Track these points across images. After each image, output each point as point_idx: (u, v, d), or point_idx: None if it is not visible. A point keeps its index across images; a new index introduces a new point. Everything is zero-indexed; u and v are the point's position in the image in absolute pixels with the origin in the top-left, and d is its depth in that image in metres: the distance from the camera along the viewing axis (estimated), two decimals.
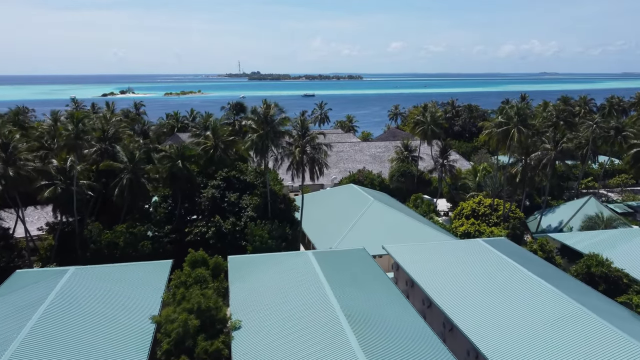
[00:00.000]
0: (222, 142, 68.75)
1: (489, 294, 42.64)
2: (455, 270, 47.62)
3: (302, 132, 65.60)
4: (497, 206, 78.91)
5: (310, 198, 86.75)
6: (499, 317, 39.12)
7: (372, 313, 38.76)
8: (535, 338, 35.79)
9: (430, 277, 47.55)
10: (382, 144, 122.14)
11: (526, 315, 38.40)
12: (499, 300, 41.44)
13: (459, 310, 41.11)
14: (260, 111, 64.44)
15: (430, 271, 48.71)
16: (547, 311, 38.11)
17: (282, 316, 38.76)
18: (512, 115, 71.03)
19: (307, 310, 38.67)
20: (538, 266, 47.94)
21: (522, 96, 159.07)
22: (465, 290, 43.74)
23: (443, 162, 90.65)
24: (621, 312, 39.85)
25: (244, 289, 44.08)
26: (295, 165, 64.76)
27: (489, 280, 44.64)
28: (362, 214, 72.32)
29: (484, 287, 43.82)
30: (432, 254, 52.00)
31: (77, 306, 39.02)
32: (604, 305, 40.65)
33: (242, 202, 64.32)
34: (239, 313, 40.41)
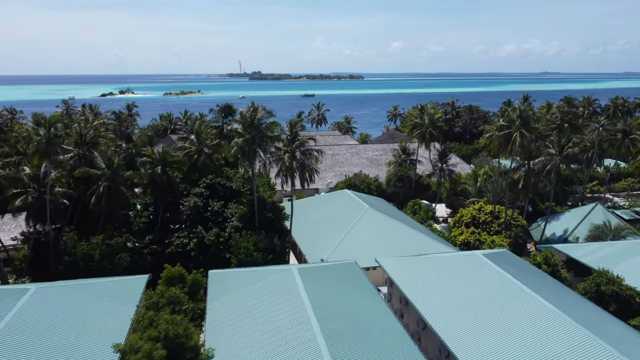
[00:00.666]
0: (207, 146, 64.91)
1: (489, 317, 38.77)
2: (453, 288, 43.77)
3: (291, 136, 61.76)
4: (499, 213, 75.03)
5: (303, 204, 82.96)
6: (499, 345, 35.25)
7: (358, 338, 34.93)
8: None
9: (426, 295, 43.72)
10: (379, 146, 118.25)
11: (531, 344, 34.50)
12: (499, 324, 37.58)
13: (456, 335, 37.28)
14: (247, 114, 60.58)
15: (425, 289, 44.88)
16: (555, 340, 34.20)
17: (259, 341, 34.98)
18: (514, 118, 67.15)
19: (286, 335, 34.88)
20: (542, 284, 44.06)
21: (524, 97, 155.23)
22: (462, 313, 39.88)
23: (442, 166, 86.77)
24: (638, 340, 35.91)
25: (222, 310, 40.27)
26: (284, 172, 60.93)
27: (489, 301, 40.78)
28: (356, 222, 68.52)
29: (484, 309, 39.95)
30: (428, 269, 48.13)
31: (32, 334, 35.19)
32: (618, 330, 36.76)
33: (227, 211, 60.52)
34: (214, 338, 36.66)
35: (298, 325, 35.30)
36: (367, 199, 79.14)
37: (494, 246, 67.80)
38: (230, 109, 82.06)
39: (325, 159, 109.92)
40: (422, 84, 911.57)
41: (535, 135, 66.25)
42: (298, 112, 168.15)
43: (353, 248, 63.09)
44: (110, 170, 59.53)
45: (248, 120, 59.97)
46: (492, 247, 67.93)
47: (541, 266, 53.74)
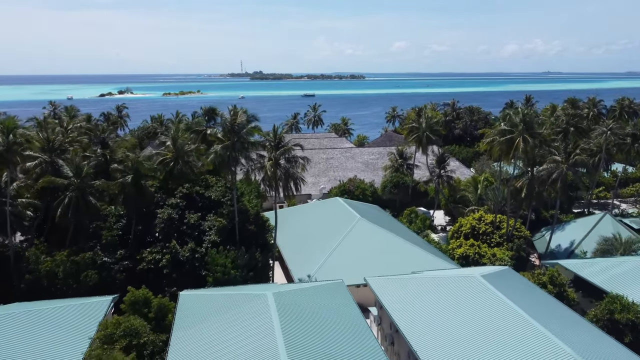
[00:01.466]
0: (185, 153, 60.10)
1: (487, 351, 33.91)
2: (448, 316, 38.92)
3: (275, 142, 56.93)
4: (500, 223, 70.22)
5: (292, 213, 78.26)
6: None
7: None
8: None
9: (418, 324, 38.90)
10: (375, 150, 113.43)
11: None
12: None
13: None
14: (226, 119, 55.77)
15: (417, 315, 40.09)
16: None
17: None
18: (516, 122, 62.31)
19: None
20: (548, 312, 39.21)
21: (526, 97, 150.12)
22: (458, 346, 35.02)
23: (440, 172, 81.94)
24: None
25: (185, 346, 35.43)
26: (267, 181, 56.14)
27: (488, 332, 35.93)
28: (347, 234, 63.79)
29: (482, 341, 35.10)
30: (421, 292, 43.31)
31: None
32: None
33: (205, 223, 55.70)
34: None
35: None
36: (359, 208, 74.39)
37: (494, 260, 63.09)
38: (214, 112, 77.17)
39: (318, 163, 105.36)
40: (423, 84, 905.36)
41: (539, 141, 61.41)
42: (293, 114, 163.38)
43: (342, 263, 58.46)
44: (78, 179, 54.79)
45: (228, 125, 55.18)
46: (492, 261, 63.23)
47: (546, 286, 48.90)
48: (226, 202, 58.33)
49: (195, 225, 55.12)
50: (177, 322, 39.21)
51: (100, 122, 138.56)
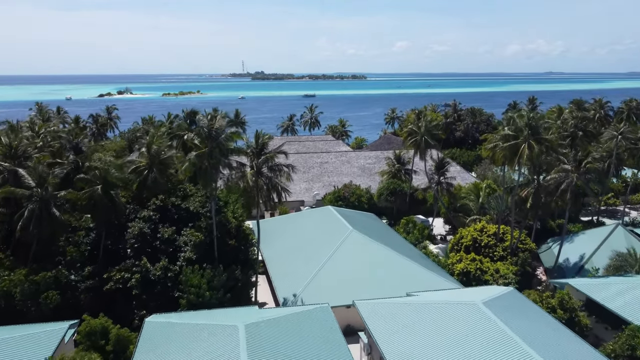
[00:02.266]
0: (160, 160, 55.17)
1: None
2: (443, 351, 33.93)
3: (257, 149, 51.97)
4: (503, 235, 65.20)
5: (281, 222, 73.31)
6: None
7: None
8: None
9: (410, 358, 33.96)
10: (372, 154, 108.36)
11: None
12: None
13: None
14: (203, 123, 50.81)
15: (410, 348, 35.13)
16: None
17: None
18: (521, 127, 57.29)
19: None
20: (559, 346, 34.22)
21: (530, 99, 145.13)
22: None
23: (439, 179, 76.91)
24: None
25: None
26: (249, 191, 51.19)
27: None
28: (338, 248, 58.79)
29: None
30: (415, 322, 38.32)
31: None
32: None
33: (180, 238, 50.76)
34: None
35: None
36: (352, 218, 69.45)
37: (497, 277, 58.12)
38: (196, 115, 72.29)
39: (312, 168, 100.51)
40: (425, 84, 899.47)
41: (545, 147, 56.38)
42: (289, 115, 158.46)
43: (331, 281, 53.54)
44: (41, 190, 49.90)
45: (205, 131, 50.22)
46: (495, 277, 58.26)
47: (556, 310, 43.93)
48: (205, 213, 53.47)
49: (169, 240, 50.20)
50: (138, 355, 34.34)
51: (89, 124, 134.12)
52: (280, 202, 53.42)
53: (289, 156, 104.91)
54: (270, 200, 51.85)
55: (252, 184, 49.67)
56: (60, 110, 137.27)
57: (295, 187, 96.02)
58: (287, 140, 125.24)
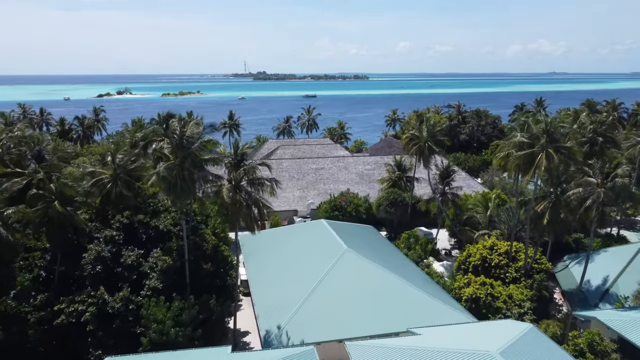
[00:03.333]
0: (126, 172, 48.39)
1: None
2: None
3: (235, 161, 45.14)
4: (516, 254, 58.36)
5: (269, 237, 66.47)
6: None
7: None
8: None
9: None
10: (371, 159, 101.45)
11: None
12: None
13: None
14: (173, 130, 44.03)
15: None
16: None
17: None
18: (538, 134, 50.39)
19: None
20: None
21: (537, 100, 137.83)
22: None
23: (444, 189, 69.97)
24: None
25: None
26: (225, 208, 44.34)
27: None
28: (330, 270, 51.93)
29: None
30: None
31: None
32: None
33: (147, 263, 43.95)
34: None
35: None
36: (347, 233, 62.66)
37: (510, 304, 51.32)
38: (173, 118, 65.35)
39: (307, 174, 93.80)
40: (427, 84, 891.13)
41: (565, 156, 49.50)
42: (286, 117, 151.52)
43: (321, 311, 46.81)
44: None
45: (175, 139, 43.48)
46: (508, 303, 51.43)
47: (585, 354, 37.07)
48: (177, 233, 46.73)
49: (132, 266, 43.38)
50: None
51: (75, 126, 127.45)
52: (263, 219, 46.51)
53: (282, 162, 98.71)
54: (251, 219, 44.93)
55: (228, 200, 42.76)
56: (44, 112, 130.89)
57: (287, 195, 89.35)
58: (281, 143, 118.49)
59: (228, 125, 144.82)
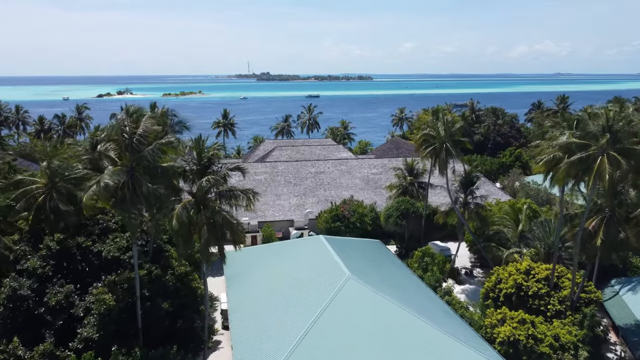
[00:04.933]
0: (65, 180, 37.50)
1: None
2: None
3: (199, 166, 34.16)
4: (560, 280, 47.34)
5: (256, 256, 55.51)
6: None
7: None
8: None
9: None
10: (378, 162, 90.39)
11: None
12: None
13: None
14: (120, 125, 33.15)
15: None
16: None
17: None
18: (596, 132, 39.33)
19: None
20: None
21: (560, 98, 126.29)
22: None
23: (466, 199, 58.77)
24: None
25: None
26: (181, 234, 33.32)
27: None
28: (328, 305, 40.87)
29: None
30: None
31: None
32: None
33: (82, 303, 33.08)
34: None
35: None
36: (350, 252, 51.75)
37: (557, 348, 40.21)
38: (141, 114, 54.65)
39: (305, 179, 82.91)
40: (432, 84, 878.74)
41: (635, 161, 38.44)
42: (285, 116, 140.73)
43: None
44: None
45: (125, 139, 32.60)
46: (555, 348, 40.36)
47: None
48: (127, 260, 35.82)
49: (59, 308, 32.47)
50: None
51: (55, 125, 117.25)
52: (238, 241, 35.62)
53: (278, 165, 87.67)
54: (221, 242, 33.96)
55: (183, 219, 31.70)
56: (20, 110, 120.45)
57: (283, 203, 78.54)
58: (278, 144, 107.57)
59: (222, 125, 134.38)
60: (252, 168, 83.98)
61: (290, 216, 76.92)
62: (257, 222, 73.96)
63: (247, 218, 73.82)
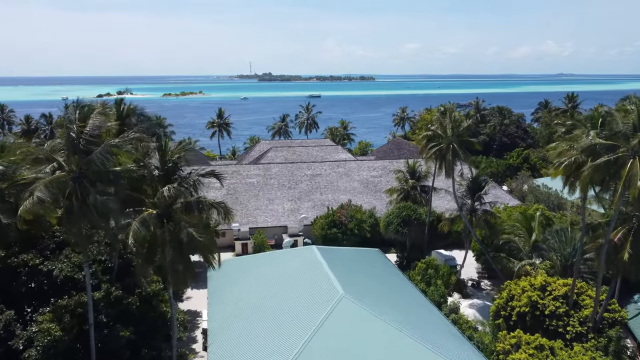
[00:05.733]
0: (12, 187, 32.38)
1: None
2: None
3: (161, 172, 29.01)
4: (580, 297, 42.20)
5: (242, 270, 50.41)
6: None
7: None
8: None
9: None
10: (378, 164, 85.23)
11: None
12: None
13: None
14: (68, 120, 28.05)
15: None
16: None
17: None
18: (626, 131, 34.18)
19: None
20: None
21: (569, 96, 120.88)
22: None
23: (474, 205, 53.53)
24: None
25: None
26: (141, 249, 28.19)
27: None
28: (319, 328, 35.77)
29: None
30: None
31: None
32: None
33: (23, 333, 27.99)
34: None
35: None
36: (345, 265, 46.67)
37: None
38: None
39: (300, 182, 77.88)
40: (435, 85, 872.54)
41: None
42: (282, 115, 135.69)
43: None
44: None
45: (72, 137, 27.55)
46: None
47: None
48: (80, 278, 30.74)
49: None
50: None
51: (42, 124, 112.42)
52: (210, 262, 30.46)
53: (271, 167, 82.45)
54: (187, 265, 28.81)
55: (141, 236, 26.57)
56: (4, 109, 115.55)
57: (276, 207, 73.55)
58: (274, 145, 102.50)
59: (217, 125, 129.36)
60: (243, 170, 79.01)
61: (284, 222, 71.91)
62: (248, 228, 69.04)
63: (238, 224, 69.04)
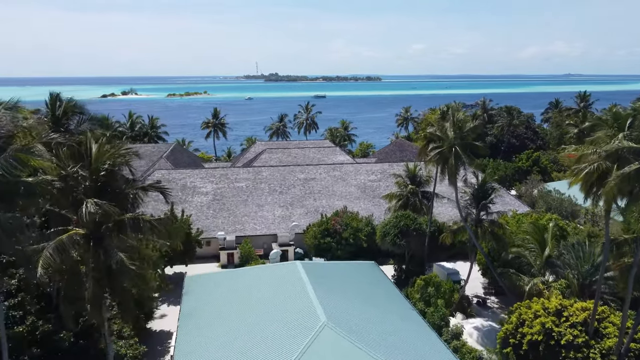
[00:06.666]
0: None
1: None
2: None
3: (91, 183, 23.52)
4: (601, 324, 36.56)
5: (218, 288, 45.00)
6: None
7: None
8: None
9: None
10: (377, 167, 79.61)
11: None
12: None
13: None
14: None
15: None
16: None
17: None
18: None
19: None
20: None
21: (581, 95, 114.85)
22: None
23: (479, 214, 47.87)
24: None
25: None
26: (60, 281, 22.75)
27: None
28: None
29: None
30: None
31: None
32: None
33: None
34: None
35: None
36: (333, 285, 41.21)
37: None
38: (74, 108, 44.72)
39: (292, 187, 72.47)
40: (442, 85, 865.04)
41: None
42: (280, 115, 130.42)
43: None
44: None
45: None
46: None
47: None
48: None
49: None
50: None
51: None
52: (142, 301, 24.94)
53: (262, 170, 76.78)
54: (125, 297, 23.35)
55: (54, 265, 21.14)
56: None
57: (266, 214, 68.20)
58: (268, 146, 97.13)
59: (212, 125, 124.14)
60: (232, 174, 73.66)
61: (273, 230, 66.51)
62: (234, 237, 63.73)
63: (223, 232, 63.86)
